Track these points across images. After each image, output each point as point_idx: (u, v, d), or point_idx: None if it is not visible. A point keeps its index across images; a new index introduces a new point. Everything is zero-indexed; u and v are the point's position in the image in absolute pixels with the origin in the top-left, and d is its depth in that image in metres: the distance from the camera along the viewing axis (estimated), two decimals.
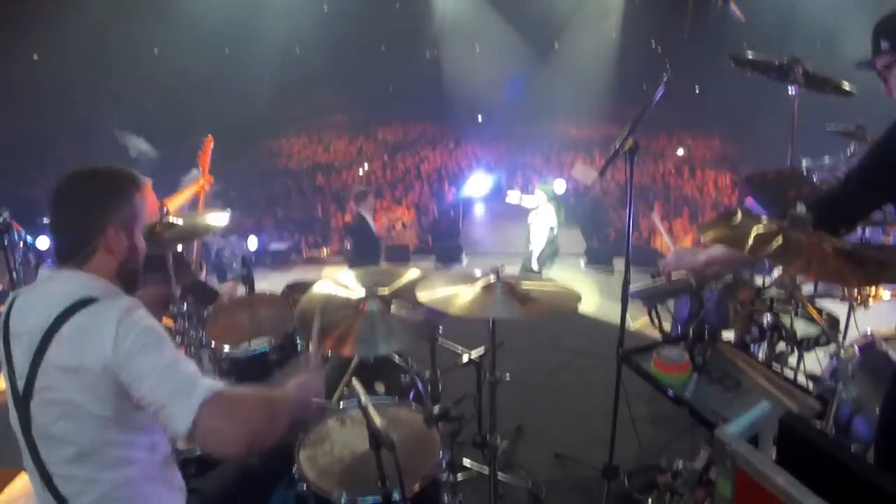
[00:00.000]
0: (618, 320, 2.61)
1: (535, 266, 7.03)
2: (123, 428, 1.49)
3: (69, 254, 1.56)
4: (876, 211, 2.53)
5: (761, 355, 2.21)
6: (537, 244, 7.00)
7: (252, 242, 8.39)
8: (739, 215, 1.92)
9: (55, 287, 1.54)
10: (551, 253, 7.09)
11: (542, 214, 7.04)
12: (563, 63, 14.97)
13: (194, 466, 2.15)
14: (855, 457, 1.34)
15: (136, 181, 1.62)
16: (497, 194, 12.24)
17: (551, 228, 7.04)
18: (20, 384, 1.48)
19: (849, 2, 10.31)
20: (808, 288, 2.81)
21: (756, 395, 1.99)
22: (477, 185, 11.97)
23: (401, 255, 9.51)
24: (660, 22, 13.66)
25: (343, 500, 1.89)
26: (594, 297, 6.35)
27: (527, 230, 7.10)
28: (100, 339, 1.41)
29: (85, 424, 1.46)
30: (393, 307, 2.36)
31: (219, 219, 2.99)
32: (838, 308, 2.96)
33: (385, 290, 2.44)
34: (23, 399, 1.48)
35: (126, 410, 1.47)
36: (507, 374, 2.62)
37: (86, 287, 1.52)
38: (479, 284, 2.27)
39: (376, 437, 1.65)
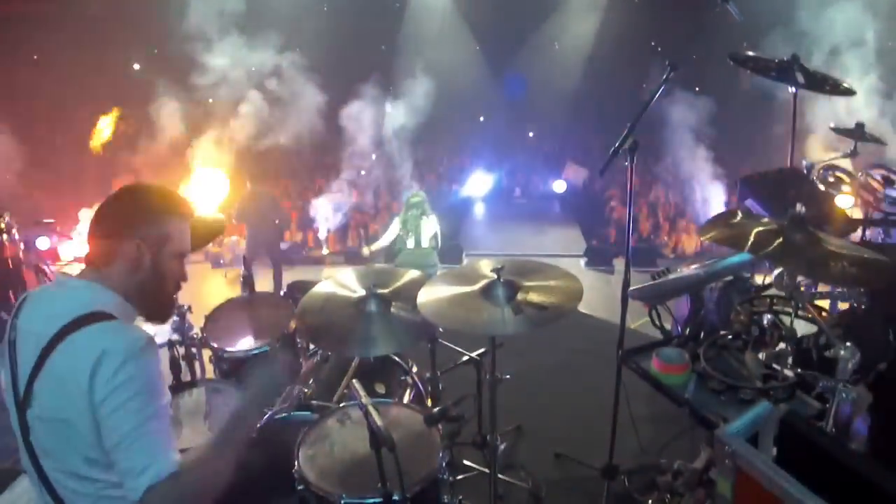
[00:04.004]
0: (618, 320, 2.61)
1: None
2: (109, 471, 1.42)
3: (91, 257, 1.54)
4: None
5: (761, 355, 2.21)
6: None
7: None
8: (739, 215, 1.93)
9: (73, 292, 1.50)
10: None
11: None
12: (562, 62, 14.98)
13: None
14: (855, 456, 1.34)
15: (178, 207, 1.58)
16: (497, 194, 12.24)
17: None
18: (21, 388, 1.45)
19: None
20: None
21: (756, 395, 1.99)
22: (477, 184, 11.97)
23: None
24: (660, 21, 13.65)
25: (343, 501, 1.89)
26: (594, 297, 6.35)
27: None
28: (91, 363, 1.36)
29: (74, 451, 1.41)
30: (393, 307, 2.36)
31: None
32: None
33: (385, 291, 2.45)
34: (21, 405, 1.45)
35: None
36: (507, 374, 2.62)
37: (103, 300, 1.48)
38: (479, 285, 2.26)
39: (377, 438, 1.65)
